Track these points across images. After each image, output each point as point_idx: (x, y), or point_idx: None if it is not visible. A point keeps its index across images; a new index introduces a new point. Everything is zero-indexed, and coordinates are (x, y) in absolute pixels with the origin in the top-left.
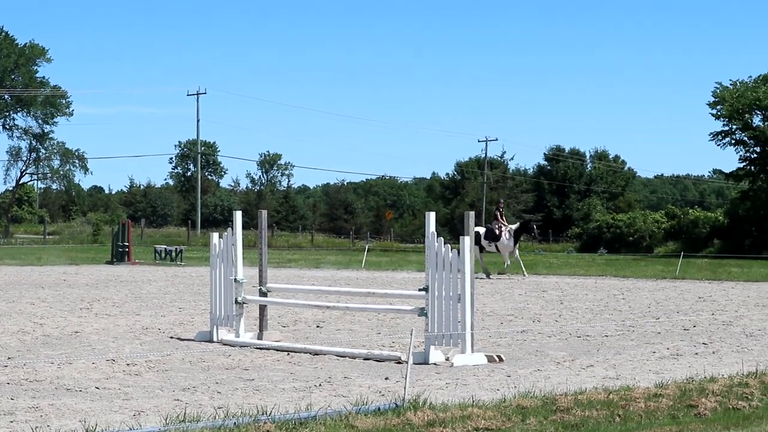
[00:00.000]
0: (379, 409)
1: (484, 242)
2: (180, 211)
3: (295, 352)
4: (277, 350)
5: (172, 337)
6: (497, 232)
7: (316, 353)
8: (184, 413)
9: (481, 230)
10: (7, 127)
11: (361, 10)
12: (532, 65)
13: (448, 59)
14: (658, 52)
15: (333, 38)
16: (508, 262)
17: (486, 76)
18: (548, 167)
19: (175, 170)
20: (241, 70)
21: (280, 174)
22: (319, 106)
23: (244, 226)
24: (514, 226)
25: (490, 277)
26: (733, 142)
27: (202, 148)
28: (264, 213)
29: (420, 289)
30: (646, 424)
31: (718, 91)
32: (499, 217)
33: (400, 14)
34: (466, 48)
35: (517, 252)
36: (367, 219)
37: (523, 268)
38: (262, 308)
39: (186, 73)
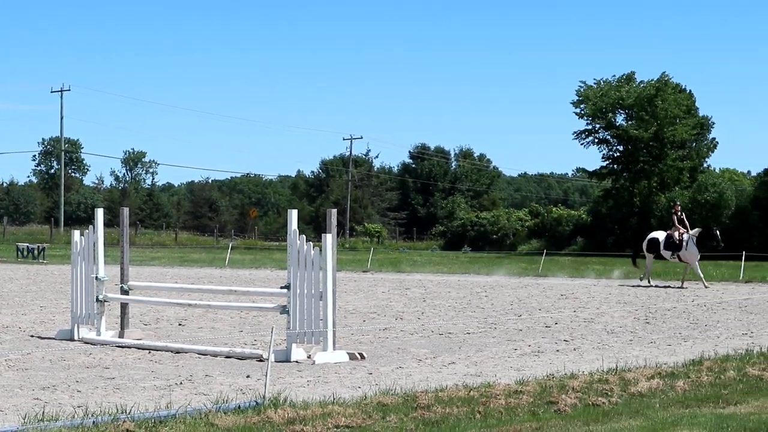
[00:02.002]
0: (239, 407)
1: (664, 252)
2: (43, 208)
3: (157, 350)
4: (139, 348)
5: (32, 336)
6: (677, 240)
7: (177, 351)
8: (43, 412)
9: (661, 236)
10: None
11: (224, 6)
12: (397, 63)
13: (314, 56)
14: (523, 51)
15: (197, 35)
16: (700, 273)
17: (351, 73)
18: (413, 165)
19: (39, 167)
20: (106, 67)
21: (144, 172)
22: (183, 103)
23: (108, 224)
24: (694, 232)
25: (651, 283)
26: (596, 140)
27: (66, 146)
28: (126, 211)
29: (282, 287)
30: (507, 421)
31: (581, 90)
32: (675, 221)
33: (264, 11)
34: (332, 45)
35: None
36: (231, 217)
37: (702, 278)
38: (124, 306)
39: (49, 69)
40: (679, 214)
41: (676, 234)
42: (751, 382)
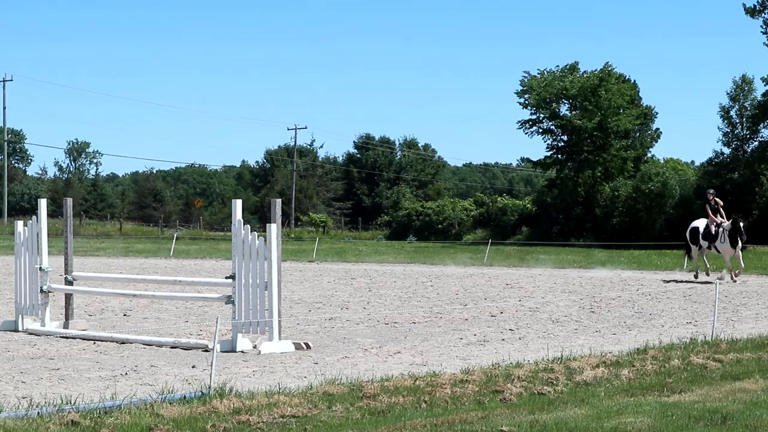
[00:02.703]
0: (185, 397)
1: (702, 242)
2: None
3: (102, 340)
4: (84, 339)
5: None
6: (713, 230)
7: (122, 342)
8: None
9: (701, 225)
10: None
11: None
12: (342, 53)
13: (258, 47)
14: (467, 41)
15: (141, 25)
16: (742, 265)
17: (296, 64)
18: (358, 155)
19: None
20: (49, 57)
21: (88, 162)
22: (127, 93)
23: (52, 215)
24: (727, 224)
25: (709, 275)
26: (540, 130)
27: (9, 136)
28: (69, 201)
29: (227, 277)
30: (453, 410)
31: (525, 80)
32: (710, 211)
33: (206, 1)
34: (277, 35)
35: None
36: (176, 207)
37: (733, 271)
38: (68, 297)
39: None
40: (712, 202)
41: (713, 225)
42: (696, 371)
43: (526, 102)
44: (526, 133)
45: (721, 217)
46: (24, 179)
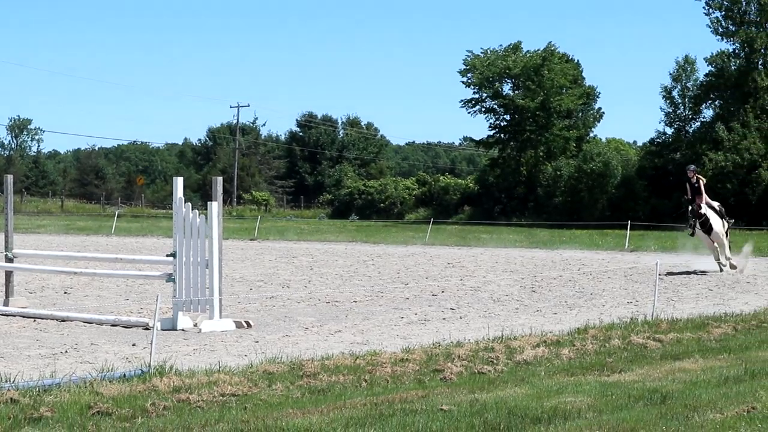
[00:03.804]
0: (124, 375)
1: (700, 233)
2: None
3: (42, 318)
4: (23, 317)
5: None
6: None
7: (63, 320)
8: None
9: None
10: None
11: None
12: (285, 30)
13: (201, 23)
14: (410, 19)
15: (84, 1)
16: (726, 253)
17: (238, 40)
18: (300, 133)
19: None
20: None
21: (30, 139)
22: (70, 70)
23: None
24: (716, 204)
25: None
26: (483, 110)
27: None
28: (10, 178)
29: (168, 255)
30: (393, 389)
31: (468, 59)
32: (689, 191)
33: None
34: (219, 11)
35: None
36: (118, 185)
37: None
38: (8, 274)
39: None
40: (693, 180)
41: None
42: (636, 350)
43: (469, 81)
44: (468, 113)
45: (700, 197)
46: None
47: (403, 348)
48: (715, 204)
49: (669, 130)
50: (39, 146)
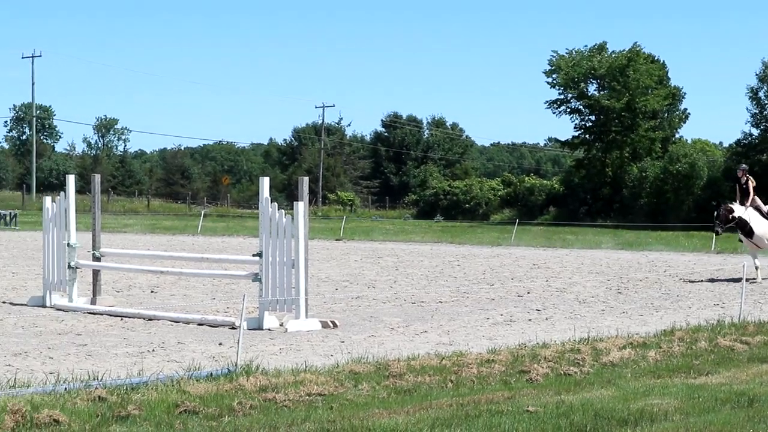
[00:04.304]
0: (211, 374)
1: (742, 237)
2: (15, 175)
3: (129, 317)
4: (111, 315)
5: (4, 302)
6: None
7: (149, 318)
8: (15, 378)
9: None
10: None
11: None
12: (370, 31)
13: (287, 24)
14: (497, 20)
15: (171, 1)
16: (756, 263)
17: (325, 41)
18: (385, 134)
19: (10, 134)
20: (78, 33)
21: (116, 138)
22: (156, 69)
23: (80, 191)
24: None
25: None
26: (568, 110)
27: (38, 112)
28: (97, 177)
29: (254, 255)
30: (479, 390)
31: (554, 59)
32: (738, 193)
33: None
34: (306, 13)
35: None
36: (204, 184)
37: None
38: (96, 273)
39: (20, 35)
40: (743, 180)
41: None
42: (722, 353)
43: (554, 81)
44: (554, 113)
45: (747, 198)
46: (52, 155)
47: (489, 349)
48: (766, 207)
49: (755, 131)
50: (125, 146)
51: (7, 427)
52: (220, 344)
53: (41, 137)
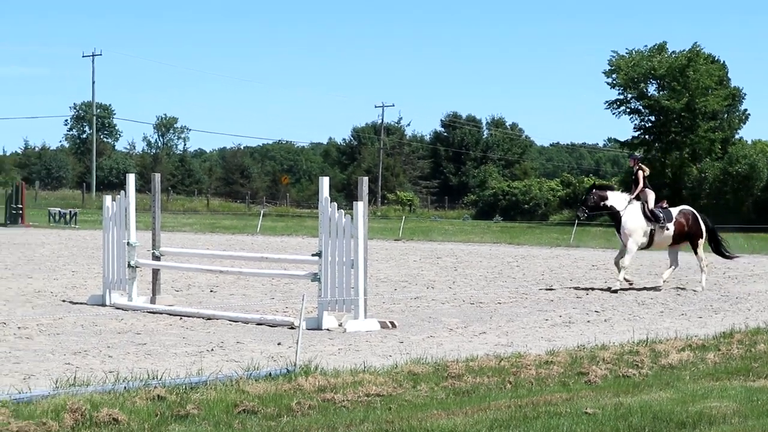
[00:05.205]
0: (270, 374)
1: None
2: (75, 173)
3: (188, 316)
4: (170, 314)
5: (64, 301)
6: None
7: (208, 318)
8: (75, 377)
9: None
10: None
11: None
12: (429, 31)
13: (346, 23)
14: (556, 20)
15: (231, 1)
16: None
17: (383, 40)
18: (445, 134)
19: (71, 132)
20: (138, 32)
21: (176, 137)
22: (216, 69)
23: (140, 190)
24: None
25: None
26: (628, 111)
27: (98, 111)
28: (157, 176)
29: (313, 255)
30: (537, 391)
31: (613, 59)
32: (634, 182)
33: None
34: (365, 12)
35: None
36: (263, 184)
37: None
38: (155, 272)
39: (81, 34)
40: (635, 170)
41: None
42: None
43: (614, 82)
44: (613, 113)
45: (636, 188)
46: (112, 154)
47: (548, 350)
48: (652, 202)
49: None
50: (185, 145)
51: (67, 425)
52: (279, 344)
53: (101, 136)
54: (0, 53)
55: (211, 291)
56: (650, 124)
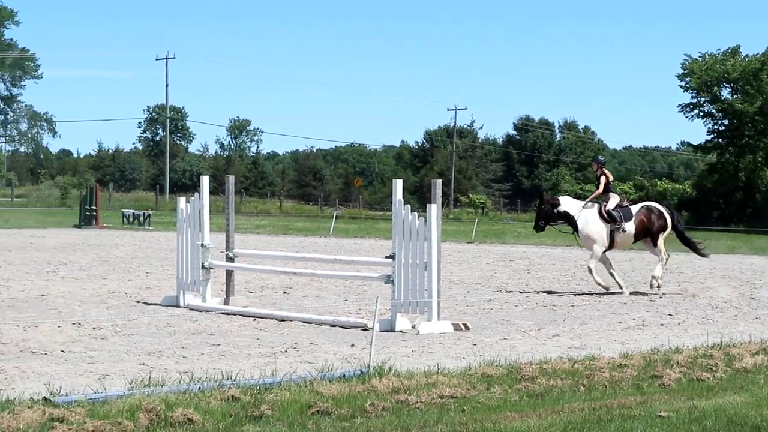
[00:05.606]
0: (344, 375)
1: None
2: (148, 175)
3: (262, 317)
4: (244, 316)
5: (138, 302)
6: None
7: (282, 319)
8: (149, 377)
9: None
10: None
11: None
12: (502, 34)
13: (418, 26)
14: (629, 23)
15: (304, 4)
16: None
17: (456, 43)
18: (517, 137)
19: (144, 135)
20: (211, 35)
21: (249, 140)
22: (289, 72)
23: (213, 192)
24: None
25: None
26: (701, 114)
27: (171, 113)
28: (231, 178)
29: (387, 257)
30: (611, 394)
31: (687, 63)
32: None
33: None
34: (437, 15)
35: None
36: (336, 186)
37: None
38: (229, 273)
39: (155, 37)
40: (598, 174)
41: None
42: None
43: (687, 85)
44: (686, 117)
45: (598, 192)
46: (186, 156)
47: (621, 353)
48: (613, 206)
49: None
50: (258, 147)
51: (142, 425)
52: (353, 345)
53: (174, 138)
54: (76, 58)
55: (285, 292)
56: (723, 128)
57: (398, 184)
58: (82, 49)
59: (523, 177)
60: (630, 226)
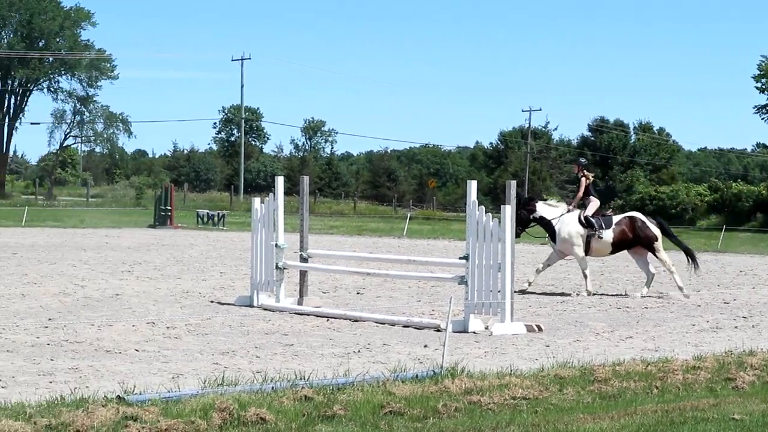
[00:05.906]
0: (417, 376)
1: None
2: (223, 176)
3: (335, 318)
4: (317, 316)
5: (212, 301)
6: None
7: (355, 319)
8: (223, 377)
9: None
10: (52, 89)
11: None
12: (577, 35)
13: (494, 27)
14: (704, 24)
15: (378, 4)
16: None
17: (531, 44)
18: (592, 138)
19: (219, 135)
20: (286, 36)
21: (323, 140)
22: (363, 72)
23: (287, 192)
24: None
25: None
26: None
27: (246, 114)
28: (306, 179)
29: (460, 258)
30: (684, 396)
31: (763, 64)
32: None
33: None
34: (512, 16)
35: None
36: (410, 187)
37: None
38: (303, 274)
39: (231, 38)
40: (579, 177)
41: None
42: None
43: (763, 86)
44: (762, 118)
45: (578, 195)
46: (260, 157)
47: (695, 356)
48: (592, 211)
49: None
50: (332, 148)
51: (215, 424)
52: (426, 346)
53: (249, 139)
54: (151, 59)
55: (358, 293)
56: None
57: (473, 186)
58: (157, 50)
59: (598, 178)
60: (608, 234)
